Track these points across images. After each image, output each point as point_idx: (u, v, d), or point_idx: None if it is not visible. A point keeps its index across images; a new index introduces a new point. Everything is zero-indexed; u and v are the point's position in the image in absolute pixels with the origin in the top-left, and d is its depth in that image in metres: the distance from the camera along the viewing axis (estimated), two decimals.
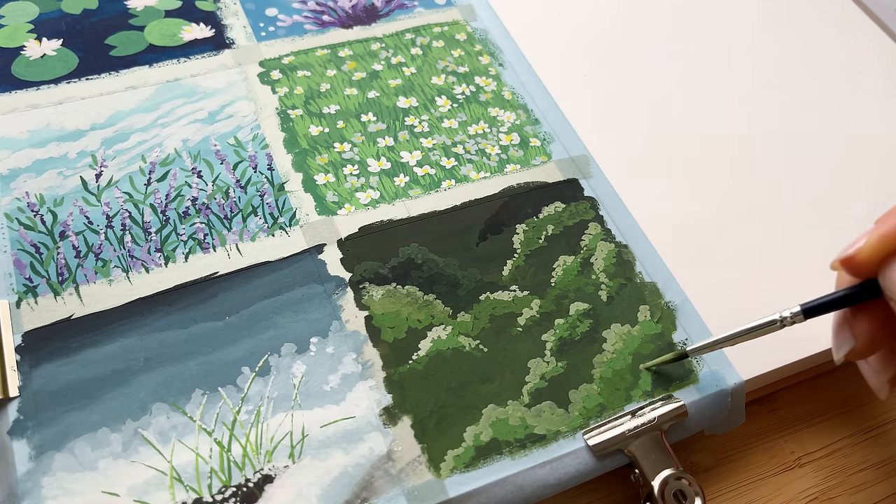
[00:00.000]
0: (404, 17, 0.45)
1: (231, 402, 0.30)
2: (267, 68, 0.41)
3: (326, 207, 0.36)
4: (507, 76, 0.42)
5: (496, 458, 0.29)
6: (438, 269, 0.34)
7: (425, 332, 0.32)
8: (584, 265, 0.35)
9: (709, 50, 0.45)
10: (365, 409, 0.30)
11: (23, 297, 0.32)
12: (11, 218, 0.34)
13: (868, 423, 0.34)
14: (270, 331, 0.32)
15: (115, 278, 0.33)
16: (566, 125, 0.40)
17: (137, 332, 0.31)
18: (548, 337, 0.33)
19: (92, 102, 0.38)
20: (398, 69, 0.42)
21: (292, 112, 0.39)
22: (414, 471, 0.29)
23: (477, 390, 0.31)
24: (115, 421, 0.29)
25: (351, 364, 0.31)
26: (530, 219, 0.36)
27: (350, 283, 0.33)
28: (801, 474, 0.32)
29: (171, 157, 0.37)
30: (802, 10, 0.48)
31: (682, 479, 0.29)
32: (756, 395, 0.33)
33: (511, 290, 0.34)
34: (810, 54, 0.45)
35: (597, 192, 0.38)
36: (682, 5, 0.47)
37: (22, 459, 0.28)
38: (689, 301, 0.34)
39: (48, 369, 0.30)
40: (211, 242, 0.34)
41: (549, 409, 0.31)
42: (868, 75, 0.45)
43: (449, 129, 0.40)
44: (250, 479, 0.28)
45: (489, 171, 0.38)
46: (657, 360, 0.32)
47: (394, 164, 0.38)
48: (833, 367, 0.35)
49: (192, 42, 0.42)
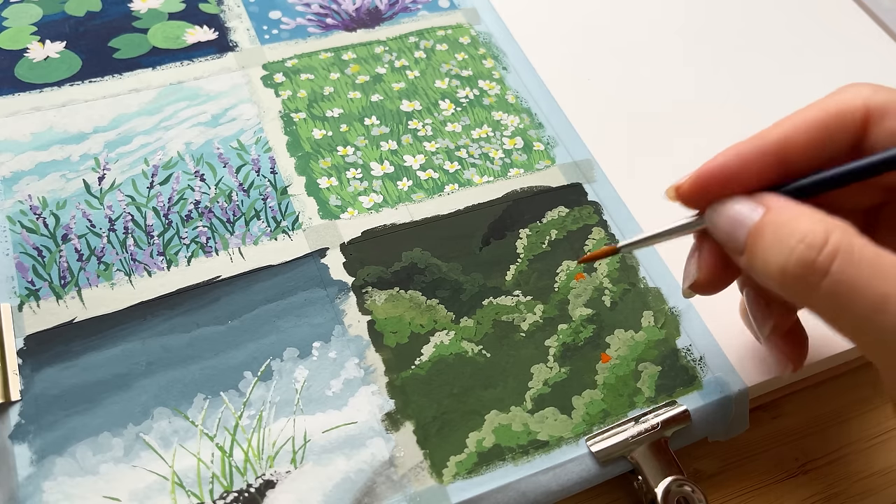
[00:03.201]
0: (408, 20, 0.45)
1: (233, 406, 0.30)
2: (270, 71, 0.41)
3: (329, 211, 0.36)
4: (510, 80, 0.42)
5: (499, 464, 0.29)
6: (441, 274, 0.34)
7: (428, 337, 0.32)
8: (587, 270, 0.35)
9: (711, 52, 0.45)
10: (367, 414, 0.30)
11: (25, 300, 0.32)
12: (14, 221, 0.34)
13: (872, 430, 0.34)
14: (273, 335, 0.32)
15: (118, 282, 0.33)
16: (570, 129, 0.40)
17: (139, 335, 0.31)
18: (551, 342, 0.33)
19: (95, 105, 0.38)
20: (402, 72, 0.42)
21: (295, 115, 0.39)
22: (416, 477, 0.29)
23: (480, 396, 0.31)
24: (117, 425, 0.29)
25: (353, 369, 0.31)
26: (534, 223, 0.36)
27: (353, 288, 0.33)
28: (805, 481, 0.32)
29: (173, 161, 0.37)
30: (803, 11, 0.48)
31: (685, 485, 0.29)
32: (760, 402, 0.33)
33: (514, 295, 0.34)
34: (811, 55, 0.45)
35: (600, 196, 0.38)
36: (685, 9, 0.47)
37: (23, 463, 0.28)
38: (692, 307, 0.34)
39: (50, 373, 0.30)
40: (213, 246, 0.34)
41: (552, 415, 0.31)
42: (868, 75, 0.44)
43: (452, 132, 0.40)
44: (252, 485, 0.28)
45: (493, 176, 0.38)
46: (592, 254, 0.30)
47: (397, 168, 0.38)
48: (837, 374, 0.35)
49: (195, 45, 0.42)
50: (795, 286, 0.23)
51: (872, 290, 0.21)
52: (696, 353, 0.33)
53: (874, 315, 0.21)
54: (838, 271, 0.22)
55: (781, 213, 0.24)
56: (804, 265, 0.22)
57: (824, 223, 0.23)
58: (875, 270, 0.22)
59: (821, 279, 0.22)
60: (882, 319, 0.21)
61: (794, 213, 0.23)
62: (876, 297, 0.21)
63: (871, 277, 0.22)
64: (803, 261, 0.22)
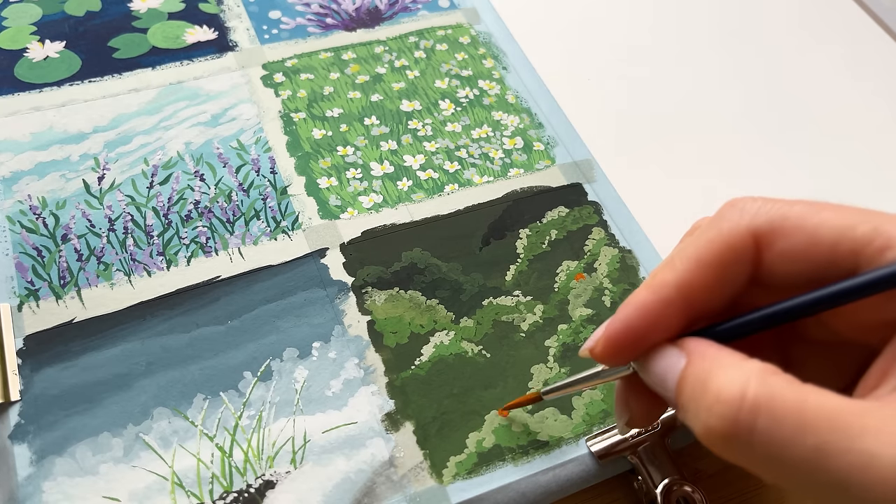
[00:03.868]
0: (408, 19, 0.44)
1: (233, 406, 0.30)
2: (270, 71, 0.41)
3: (329, 211, 0.36)
4: (510, 80, 0.42)
5: (499, 464, 0.29)
6: (441, 274, 0.34)
7: (428, 337, 0.32)
8: (587, 270, 0.35)
9: (712, 52, 0.45)
10: (367, 414, 0.30)
11: (24, 300, 0.32)
12: (13, 221, 0.34)
13: None
14: (272, 335, 0.32)
15: (117, 282, 0.33)
16: (570, 129, 0.40)
17: (139, 336, 0.31)
18: (551, 342, 0.33)
19: (95, 105, 0.38)
20: (401, 72, 0.42)
21: (295, 115, 0.39)
22: (416, 477, 0.29)
23: (479, 396, 0.31)
24: (117, 425, 0.29)
25: (353, 369, 0.31)
26: (534, 223, 0.36)
27: (352, 288, 0.33)
28: None
29: (173, 160, 0.37)
30: (803, 11, 0.48)
31: (685, 485, 0.29)
32: None
33: (514, 295, 0.34)
34: (811, 54, 0.45)
35: (600, 196, 0.38)
36: (686, 8, 0.47)
37: (23, 463, 0.28)
38: None
39: (49, 373, 0.30)
40: (213, 246, 0.34)
41: (552, 416, 0.31)
42: (868, 75, 0.44)
43: (452, 132, 0.39)
44: (252, 485, 0.28)
45: (493, 176, 0.38)
46: (514, 401, 0.30)
47: (397, 168, 0.38)
48: None
49: (195, 44, 0.42)
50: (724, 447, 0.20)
51: (802, 445, 0.19)
52: None
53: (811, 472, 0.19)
54: (764, 429, 0.19)
55: (698, 364, 0.21)
56: (727, 423, 0.20)
57: (741, 373, 0.20)
58: (800, 421, 0.19)
59: (748, 436, 0.19)
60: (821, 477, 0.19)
61: (710, 364, 0.21)
62: (807, 451, 0.19)
63: (796, 431, 0.19)
64: (723, 419, 0.20)
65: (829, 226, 0.22)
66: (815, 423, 0.19)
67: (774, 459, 0.19)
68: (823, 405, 0.19)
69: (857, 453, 0.18)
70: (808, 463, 0.19)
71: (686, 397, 0.21)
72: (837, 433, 0.19)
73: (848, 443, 0.18)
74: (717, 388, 0.20)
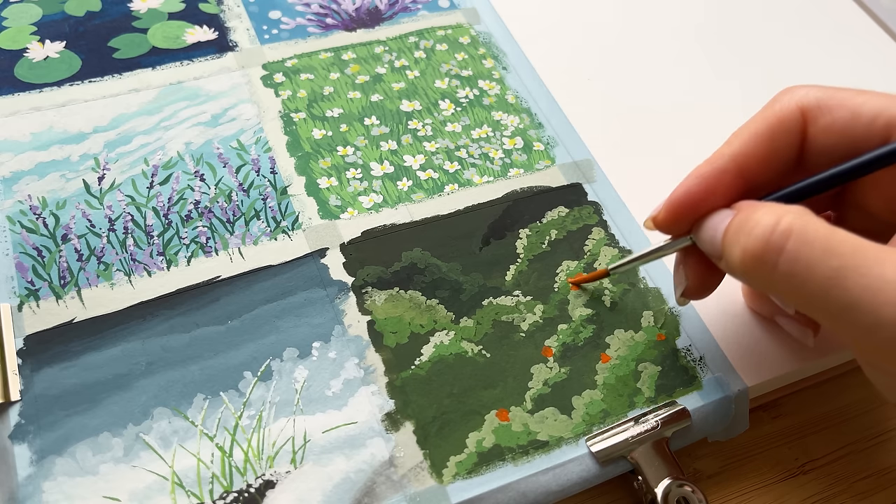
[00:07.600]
0: (408, 20, 0.44)
1: (233, 406, 0.30)
2: (270, 71, 0.41)
3: (329, 211, 0.36)
4: (510, 80, 0.42)
5: (499, 464, 0.29)
6: (441, 274, 0.34)
7: (428, 337, 0.32)
8: (587, 270, 0.35)
9: (711, 52, 0.45)
10: (367, 414, 0.30)
11: (25, 300, 0.32)
12: (13, 221, 0.34)
13: (873, 429, 0.34)
14: (272, 335, 0.32)
15: (117, 282, 0.33)
16: (570, 129, 0.40)
17: (139, 336, 0.31)
18: (551, 342, 0.33)
19: (95, 105, 0.38)
20: (401, 72, 0.42)
21: (295, 115, 0.39)
22: (416, 477, 0.29)
23: (479, 396, 0.31)
24: (117, 425, 0.29)
25: (353, 369, 0.31)
26: (534, 223, 0.36)
27: (352, 288, 0.33)
28: (806, 481, 0.32)
29: (173, 161, 0.37)
30: (803, 11, 0.48)
31: (685, 486, 0.29)
32: (760, 402, 0.33)
33: (514, 295, 0.34)
34: (811, 54, 0.45)
35: (600, 196, 0.38)
36: (685, 9, 0.47)
37: (23, 464, 0.28)
38: (692, 306, 0.34)
39: (50, 373, 0.30)
40: (213, 246, 0.34)
41: (552, 416, 0.31)
42: (868, 75, 0.44)
43: (452, 132, 0.40)
44: (252, 485, 0.28)
45: (492, 176, 0.38)
46: (585, 276, 0.34)
47: (397, 168, 0.38)
48: (837, 374, 0.35)
49: (195, 45, 0.42)
50: (755, 268, 0.24)
51: (825, 265, 0.22)
52: (696, 353, 0.33)
53: (829, 290, 0.22)
54: (793, 249, 0.23)
55: (746, 210, 0.25)
56: (760, 243, 0.24)
57: (780, 209, 0.24)
58: (827, 245, 0.22)
59: (777, 256, 0.23)
60: (836, 295, 0.22)
61: (755, 207, 0.25)
62: (829, 271, 0.22)
63: (823, 252, 0.22)
64: (759, 240, 0.24)
65: (869, 105, 0.26)
66: (841, 249, 0.22)
67: (798, 277, 0.23)
68: (850, 238, 0.23)
69: (873, 277, 0.22)
70: (828, 281, 0.22)
71: (730, 235, 0.25)
72: (859, 258, 0.22)
73: (866, 268, 0.22)
74: (758, 218, 0.24)
